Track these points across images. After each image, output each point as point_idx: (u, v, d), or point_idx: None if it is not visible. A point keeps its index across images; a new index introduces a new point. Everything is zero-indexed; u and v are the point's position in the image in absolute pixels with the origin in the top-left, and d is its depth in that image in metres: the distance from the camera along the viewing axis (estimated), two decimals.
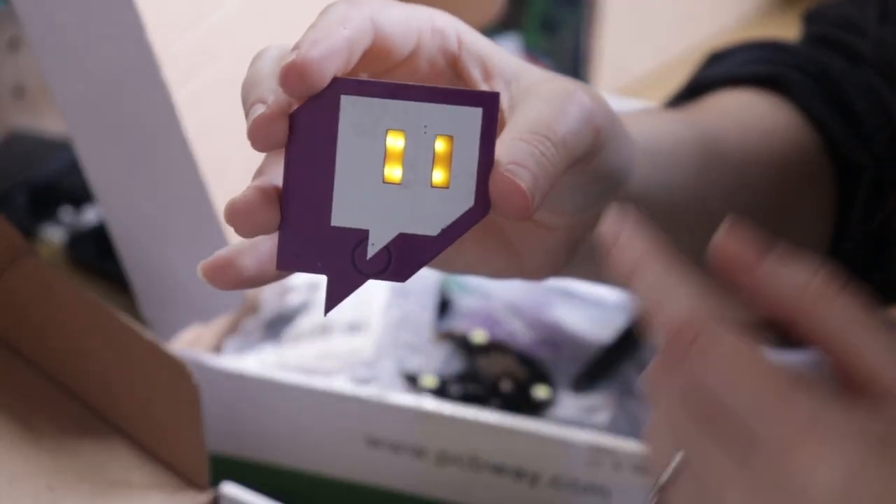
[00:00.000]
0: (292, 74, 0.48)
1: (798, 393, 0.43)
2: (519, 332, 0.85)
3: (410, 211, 0.49)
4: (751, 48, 0.78)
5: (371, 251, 0.49)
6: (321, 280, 0.89)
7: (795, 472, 0.42)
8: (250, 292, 0.85)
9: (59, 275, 0.77)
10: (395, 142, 0.48)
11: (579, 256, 0.60)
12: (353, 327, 0.84)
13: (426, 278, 0.87)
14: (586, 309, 0.88)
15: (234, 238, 0.80)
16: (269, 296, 0.87)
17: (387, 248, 0.49)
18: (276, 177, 0.50)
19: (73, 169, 0.95)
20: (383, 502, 0.77)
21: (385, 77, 0.55)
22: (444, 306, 0.87)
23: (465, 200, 0.49)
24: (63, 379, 0.76)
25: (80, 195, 1.04)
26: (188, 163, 0.76)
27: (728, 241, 0.45)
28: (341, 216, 0.49)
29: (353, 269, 0.49)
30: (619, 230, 0.47)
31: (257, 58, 0.52)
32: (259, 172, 0.52)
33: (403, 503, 0.76)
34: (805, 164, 0.72)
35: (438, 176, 0.49)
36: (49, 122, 1.15)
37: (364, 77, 0.55)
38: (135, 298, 0.82)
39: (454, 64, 0.55)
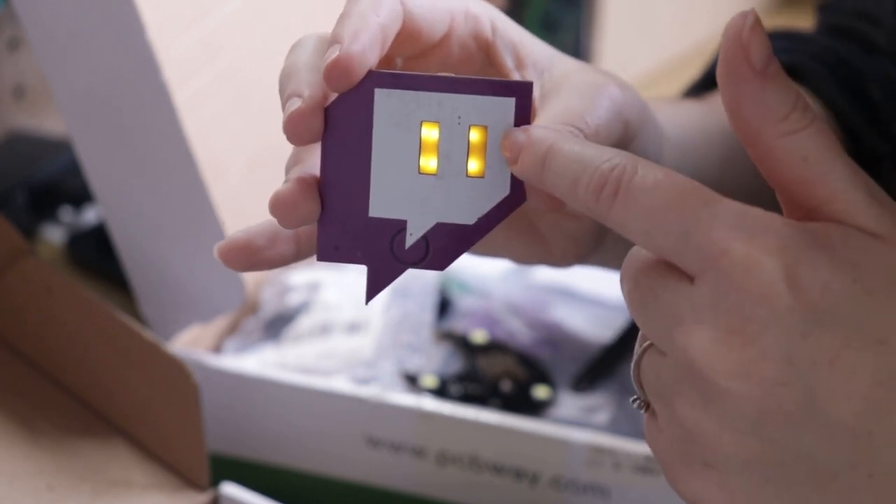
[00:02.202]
0: (337, 71, 0.48)
1: (717, 204, 0.43)
2: (519, 332, 0.85)
3: (447, 200, 0.49)
4: (767, 37, 0.78)
5: (409, 241, 0.50)
6: (321, 280, 0.89)
7: (733, 275, 0.43)
8: (250, 292, 0.85)
9: (59, 275, 0.77)
10: (430, 133, 0.49)
11: (606, 245, 0.60)
12: (353, 327, 0.84)
13: (426, 278, 0.87)
14: (586, 309, 0.88)
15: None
16: (269, 296, 0.87)
17: (425, 237, 0.50)
18: (313, 166, 0.51)
19: (73, 169, 0.95)
20: (383, 502, 0.77)
21: (418, 61, 0.55)
22: (444, 306, 0.87)
23: (500, 189, 0.49)
24: (63, 379, 0.76)
25: (80, 195, 1.04)
26: (188, 163, 0.76)
27: (746, 32, 0.44)
28: (379, 207, 0.50)
29: (392, 258, 0.50)
30: (517, 138, 0.48)
31: (294, 48, 0.52)
32: (294, 161, 0.52)
33: (403, 503, 0.76)
34: None
35: (474, 166, 0.49)
36: (49, 122, 1.16)
37: (398, 65, 0.55)
38: (135, 298, 0.82)
39: (487, 51, 0.56)
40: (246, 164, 0.80)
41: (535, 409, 0.79)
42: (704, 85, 0.77)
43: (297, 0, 0.83)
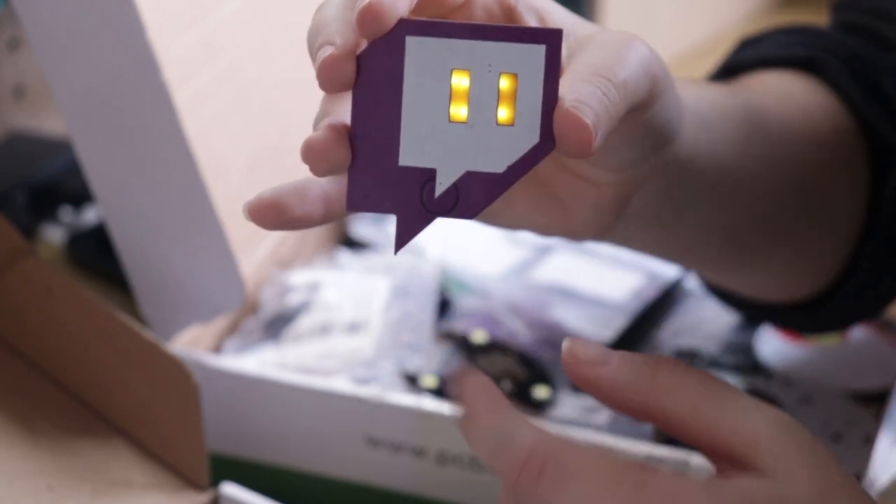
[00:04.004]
0: (370, 15, 0.48)
1: (644, 490, 0.44)
2: (519, 332, 0.85)
3: (476, 148, 0.49)
4: (783, 32, 0.78)
5: (439, 189, 0.49)
6: (321, 280, 0.89)
7: None
8: (250, 292, 0.85)
9: (59, 275, 0.77)
10: (460, 81, 0.49)
11: (625, 219, 0.60)
12: (353, 327, 0.84)
13: (426, 278, 0.87)
14: (586, 309, 0.88)
15: (232, 238, 0.80)
16: (269, 296, 0.88)
17: (454, 186, 0.49)
18: (343, 115, 0.51)
19: (73, 169, 0.95)
20: (383, 502, 0.77)
21: None
22: (444, 306, 0.87)
23: (530, 137, 0.49)
24: (63, 379, 0.76)
25: (80, 195, 1.04)
26: (188, 163, 0.76)
27: (574, 348, 0.47)
28: (409, 155, 0.49)
29: (421, 207, 0.50)
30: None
31: (322, 7, 0.52)
32: (322, 114, 0.52)
33: (403, 503, 0.76)
34: (840, 145, 0.73)
35: (503, 113, 0.49)
36: (49, 122, 1.15)
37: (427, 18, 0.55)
38: (135, 298, 0.82)
39: (510, 14, 0.56)
40: (246, 164, 0.80)
41: (535, 409, 0.79)
42: (720, 77, 0.77)
43: (297, 0, 0.83)
